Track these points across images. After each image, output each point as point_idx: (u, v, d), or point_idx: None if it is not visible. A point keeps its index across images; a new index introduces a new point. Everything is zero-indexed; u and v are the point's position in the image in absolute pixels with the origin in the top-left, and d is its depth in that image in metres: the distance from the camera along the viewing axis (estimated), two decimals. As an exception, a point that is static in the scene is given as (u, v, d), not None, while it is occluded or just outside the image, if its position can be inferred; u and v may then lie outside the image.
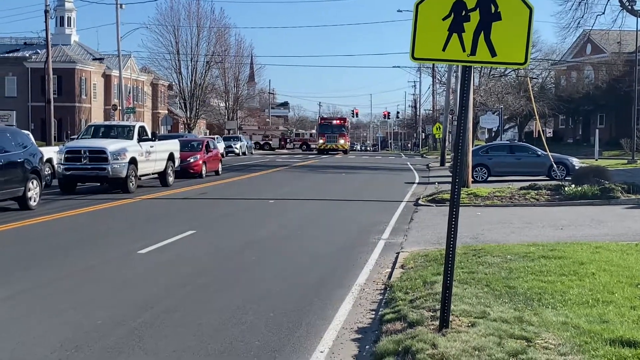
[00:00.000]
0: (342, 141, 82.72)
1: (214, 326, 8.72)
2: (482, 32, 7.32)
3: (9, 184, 20.21)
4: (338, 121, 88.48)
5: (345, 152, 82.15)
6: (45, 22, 48.55)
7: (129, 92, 77.80)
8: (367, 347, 7.77)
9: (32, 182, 21.15)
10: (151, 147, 28.80)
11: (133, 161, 26.72)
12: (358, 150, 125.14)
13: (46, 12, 48.40)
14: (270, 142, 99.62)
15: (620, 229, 16.29)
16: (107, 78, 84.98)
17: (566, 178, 29.27)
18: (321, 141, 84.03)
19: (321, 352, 7.76)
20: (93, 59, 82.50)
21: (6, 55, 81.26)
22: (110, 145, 26.50)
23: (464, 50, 7.36)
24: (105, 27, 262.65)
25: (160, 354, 7.63)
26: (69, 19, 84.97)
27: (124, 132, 28.76)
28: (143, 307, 9.58)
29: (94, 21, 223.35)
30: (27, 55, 79.15)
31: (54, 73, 52.68)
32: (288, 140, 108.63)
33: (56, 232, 16.95)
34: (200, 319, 9.05)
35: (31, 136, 23.66)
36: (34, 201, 21.20)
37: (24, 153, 21.17)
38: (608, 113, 77.14)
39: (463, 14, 7.32)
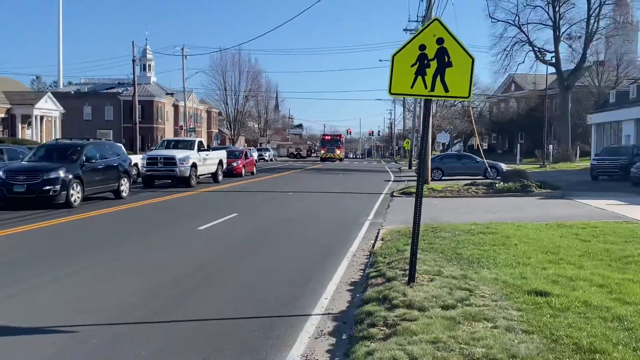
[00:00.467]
0: (338, 152, 78.91)
1: (250, 280, 8.72)
2: (439, 75, 7.30)
3: (108, 181, 20.26)
4: (336, 137, 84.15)
5: (340, 159, 77.70)
6: (133, 68, 48.55)
7: (191, 117, 77.67)
8: (357, 295, 7.76)
9: (124, 180, 21.18)
10: (206, 155, 28.84)
11: (194, 165, 26.75)
12: (351, 158, 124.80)
13: (133, 61, 48.42)
14: (301, 152, 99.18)
15: (535, 213, 16.24)
16: (175, 107, 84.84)
17: (497, 177, 29.13)
18: (322, 152, 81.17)
19: (325, 298, 7.75)
20: (166, 94, 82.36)
21: (106, 91, 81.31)
22: (178, 153, 26.59)
23: (426, 88, 7.34)
24: (175, 72, 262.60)
25: (214, 299, 7.63)
26: (149, 65, 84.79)
27: (188, 145, 28.76)
28: (201, 267, 9.59)
29: (167, 67, 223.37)
30: (120, 91, 79.18)
31: (139, 104, 52.66)
32: (313, 150, 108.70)
33: (140, 215, 16.97)
34: (241, 275, 9.05)
35: (123, 147, 23.63)
36: (125, 193, 21.22)
37: (118, 159, 21.19)
38: (526, 132, 76.85)
39: (425, 62, 7.30)
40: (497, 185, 23.18)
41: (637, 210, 16.41)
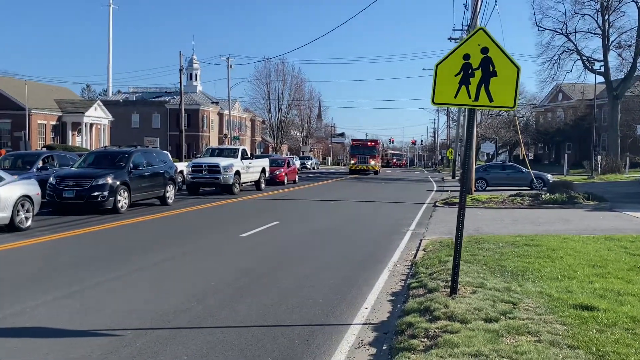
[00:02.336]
0: (372, 162, 58.90)
1: (291, 288, 8.75)
2: (483, 85, 7.22)
3: (154, 187, 20.65)
4: (370, 143, 62.47)
5: (376, 172, 58.81)
6: (180, 77, 49.49)
7: (235, 125, 78.67)
8: (398, 305, 7.71)
9: (170, 186, 21.55)
10: (250, 163, 29.05)
11: (237, 173, 26.99)
12: (392, 167, 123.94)
13: (180, 70, 49.37)
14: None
15: (582, 225, 15.85)
16: (220, 116, 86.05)
17: (543, 188, 28.54)
18: (352, 162, 60.36)
19: (366, 308, 7.72)
20: (211, 103, 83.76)
21: (153, 99, 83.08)
22: (222, 161, 26.81)
23: (470, 98, 7.27)
24: (220, 80, 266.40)
25: (255, 305, 7.68)
26: (195, 75, 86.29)
27: (232, 153, 29.03)
28: (243, 273, 9.67)
29: (213, 76, 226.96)
30: (167, 100, 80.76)
31: (185, 112, 53.59)
32: None
33: (184, 221, 17.23)
34: (281, 282, 9.10)
35: (169, 155, 24.08)
36: (171, 199, 21.59)
37: (164, 166, 21.58)
38: (574, 142, 75.17)
39: (469, 71, 7.23)
40: (543, 196, 22.72)
41: (690, 224, 15.84)
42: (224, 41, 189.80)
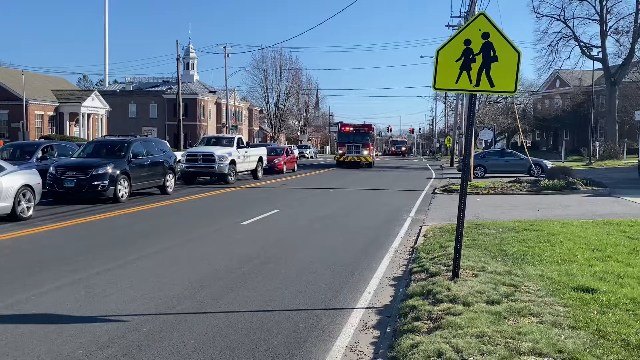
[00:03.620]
0: (365, 152, 46.30)
1: (294, 273, 8.82)
2: (484, 70, 7.26)
3: (154, 177, 20.70)
4: (363, 128, 48.65)
5: (369, 164, 46.75)
6: (177, 66, 49.40)
7: (233, 115, 78.59)
8: (400, 290, 7.78)
9: (169, 176, 21.59)
10: (246, 152, 28.96)
11: (233, 162, 26.88)
12: (390, 155, 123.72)
13: (177, 59, 49.29)
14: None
15: (581, 210, 15.94)
16: (218, 105, 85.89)
17: (541, 175, 28.67)
18: (340, 151, 47.22)
19: (369, 293, 7.81)
20: (209, 92, 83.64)
21: (150, 89, 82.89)
22: (217, 150, 26.73)
23: (471, 83, 7.31)
24: (217, 70, 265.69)
25: (258, 291, 7.76)
26: (192, 64, 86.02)
27: (227, 142, 28.91)
28: (245, 260, 9.74)
29: (210, 65, 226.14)
30: (164, 89, 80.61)
31: (182, 102, 53.48)
32: None
33: (185, 210, 17.28)
34: (284, 268, 9.17)
35: (168, 144, 24.09)
36: (170, 189, 21.64)
37: (163, 155, 21.61)
38: (571, 129, 75.19)
39: (470, 57, 7.27)
40: (541, 182, 22.80)
41: (688, 208, 15.93)
42: (221, 30, 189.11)
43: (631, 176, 31.15)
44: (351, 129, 47.97)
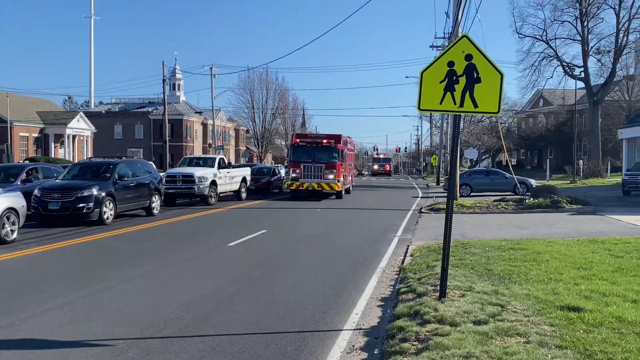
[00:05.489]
0: (330, 176, 30.10)
1: (281, 295, 8.79)
2: (468, 91, 7.34)
3: (140, 198, 20.59)
4: (325, 140, 31.41)
5: (338, 195, 31.09)
6: (163, 87, 49.36)
7: (219, 135, 78.50)
8: (388, 310, 7.78)
9: (155, 197, 21.49)
10: (228, 172, 28.57)
11: (214, 183, 26.49)
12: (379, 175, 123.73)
13: (163, 80, 49.26)
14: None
15: (566, 229, 16.05)
16: (204, 125, 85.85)
17: (526, 193, 28.88)
18: (293, 175, 30.58)
19: (356, 314, 7.79)
20: (195, 112, 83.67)
21: (136, 110, 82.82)
22: (197, 171, 26.38)
23: (455, 104, 7.38)
24: (203, 90, 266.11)
25: (245, 313, 7.71)
26: (178, 85, 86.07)
27: (209, 163, 28.48)
28: (232, 282, 9.69)
29: (196, 86, 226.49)
30: (150, 110, 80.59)
31: (168, 122, 53.35)
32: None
33: (171, 232, 17.17)
34: (271, 289, 9.13)
35: (154, 165, 23.96)
36: (156, 210, 21.52)
37: (149, 177, 21.52)
38: (556, 148, 75.94)
39: (454, 78, 7.36)
40: (527, 201, 22.96)
41: (671, 225, 16.09)
42: (207, 51, 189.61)
43: (615, 194, 31.46)
44: (309, 141, 31.66)
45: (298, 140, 32.11)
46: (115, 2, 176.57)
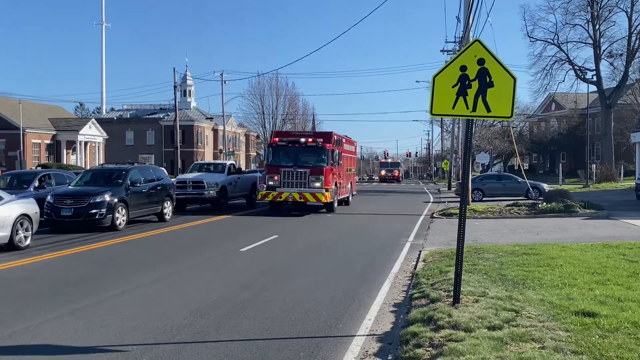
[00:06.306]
0: (317, 184, 23.64)
1: (293, 301, 8.78)
2: (480, 95, 7.33)
3: (151, 204, 20.68)
4: (310, 140, 25.01)
5: (328, 207, 24.90)
6: (174, 94, 49.68)
7: (230, 141, 78.84)
8: (401, 316, 7.76)
9: (167, 203, 21.57)
10: (238, 178, 28.52)
11: (223, 189, 26.48)
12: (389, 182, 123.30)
13: (175, 87, 49.59)
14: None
15: (580, 234, 15.96)
16: (215, 131, 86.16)
17: (539, 198, 28.71)
18: (270, 183, 24.15)
19: (369, 320, 7.77)
20: (206, 119, 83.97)
21: (148, 116, 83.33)
22: (207, 177, 26.46)
23: (467, 108, 7.37)
24: (214, 96, 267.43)
25: (258, 318, 7.72)
26: (190, 91, 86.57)
27: (219, 168, 28.57)
28: (245, 287, 9.70)
29: (207, 92, 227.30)
30: (162, 116, 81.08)
31: (179, 128, 53.66)
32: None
33: (183, 237, 17.22)
34: (284, 295, 9.13)
35: (165, 171, 24.06)
36: (168, 216, 21.59)
37: (161, 183, 21.60)
38: (568, 152, 75.58)
39: (467, 82, 7.35)
40: (539, 205, 22.85)
41: (686, 230, 15.95)
42: (217, 57, 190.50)
43: (628, 198, 31.23)
44: (291, 140, 25.61)
45: (277, 139, 25.92)
46: (126, 9, 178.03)
